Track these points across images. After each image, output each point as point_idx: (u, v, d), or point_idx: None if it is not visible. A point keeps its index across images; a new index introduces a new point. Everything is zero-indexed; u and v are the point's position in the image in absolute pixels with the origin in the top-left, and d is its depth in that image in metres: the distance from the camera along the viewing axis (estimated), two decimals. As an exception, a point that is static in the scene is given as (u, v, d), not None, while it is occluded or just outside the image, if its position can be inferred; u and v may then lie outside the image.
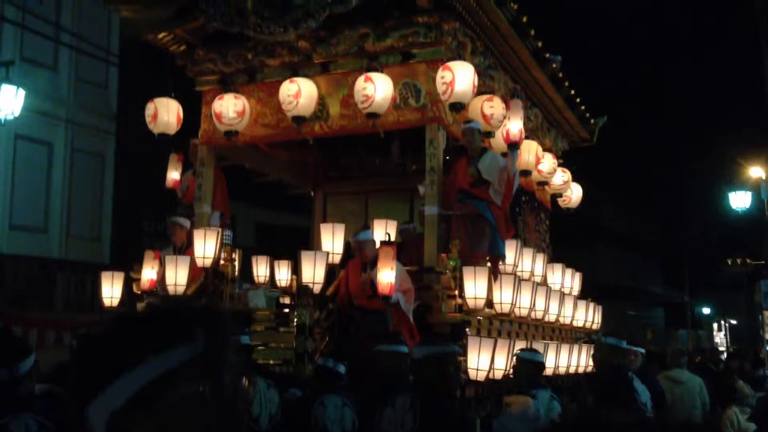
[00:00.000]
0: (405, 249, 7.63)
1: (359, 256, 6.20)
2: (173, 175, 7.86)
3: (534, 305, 6.97)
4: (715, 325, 35.82)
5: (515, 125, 6.92)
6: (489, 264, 6.39)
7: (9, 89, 10.64)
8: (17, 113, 10.84)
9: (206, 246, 6.54)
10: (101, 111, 14.11)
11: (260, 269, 8.19)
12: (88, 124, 13.77)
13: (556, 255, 10.24)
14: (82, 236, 13.73)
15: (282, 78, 7.03)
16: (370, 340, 5.67)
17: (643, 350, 6.27)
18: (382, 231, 6.94)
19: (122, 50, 13.79)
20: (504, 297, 6.20)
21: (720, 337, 34.39)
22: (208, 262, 6.57)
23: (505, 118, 6.98)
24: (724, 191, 18.23)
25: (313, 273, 5.92)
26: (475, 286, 5.86)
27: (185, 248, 7.11)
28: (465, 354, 5.50)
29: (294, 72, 6.94)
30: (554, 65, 8.32)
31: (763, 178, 15.15)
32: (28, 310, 11.54)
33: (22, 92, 10.78)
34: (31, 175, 12.90)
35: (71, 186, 13.54)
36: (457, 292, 5.95)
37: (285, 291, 7.51)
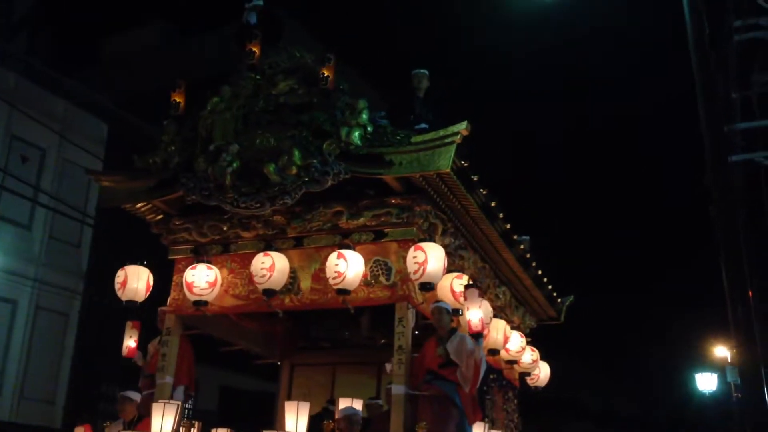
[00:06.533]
0: (370, 426, 7.45)
1: None
2: (129, 343, 7.69)
3: (502, 493, 6.72)
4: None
5: (475, 314, 6.55)
6: (456, 449, 6.23)
7: (-21, 250, 10.60)
8: (-15, 273, 10.76)
9: (164, 421, 6.30)
10: (71, 270, 14.07)
11: (221, 443, 7.87)
12: (56, 283, 13.67)
13: (527, 433, 9.98)
14: (35, 398, 13.24)
15: (256, 250, 7.07)
16: None
17: None
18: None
19: (98, 211, 13.99)
20: (471, 485, 6.00)
21: None
22: (166, 439, 6.30)
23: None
24: (691, 373, 18.25)
25: (275, 454, 5.70)
26: (442, 474, 5.68)
27: (136, 422, 6.85)
28: None
29: (267, 245, 7.00)
30: (522, 246, 8.53)
31: (728, 360, 15.22)
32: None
33: (-8, 253, 10.75)
34: (-9, 334, 12.62)
35: (31, 345, 13.23)
36: (423, 479, 5.74)
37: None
